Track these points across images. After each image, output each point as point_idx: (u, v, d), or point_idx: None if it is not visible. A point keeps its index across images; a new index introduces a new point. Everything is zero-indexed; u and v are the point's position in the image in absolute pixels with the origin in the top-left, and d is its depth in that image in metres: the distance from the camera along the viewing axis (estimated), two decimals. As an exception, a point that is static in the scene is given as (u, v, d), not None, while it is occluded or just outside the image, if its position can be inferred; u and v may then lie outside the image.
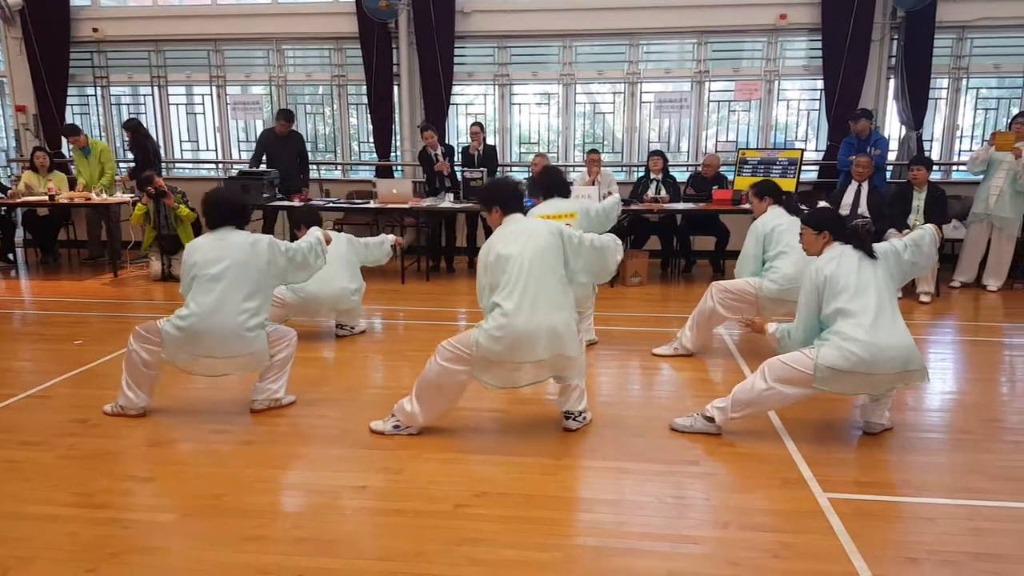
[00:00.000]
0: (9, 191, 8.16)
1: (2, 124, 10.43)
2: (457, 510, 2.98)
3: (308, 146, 8.88)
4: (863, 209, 6.71)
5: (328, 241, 4.31)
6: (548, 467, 3.38)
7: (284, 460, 3.47)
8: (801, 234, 3.81)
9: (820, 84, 8.35)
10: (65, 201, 7.86)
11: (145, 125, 8.80)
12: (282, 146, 8.20)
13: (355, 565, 2.61)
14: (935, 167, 7.67)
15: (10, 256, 8.56)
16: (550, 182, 5.00)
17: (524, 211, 3.76)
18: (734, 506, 3.01)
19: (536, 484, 3.23)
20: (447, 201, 7.64)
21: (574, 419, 3.73)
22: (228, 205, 3.94)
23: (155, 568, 2.60)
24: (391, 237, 5.80)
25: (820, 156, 8.49)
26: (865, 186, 6.78)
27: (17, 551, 2.69)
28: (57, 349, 5.21)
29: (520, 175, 8.83)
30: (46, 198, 7.80)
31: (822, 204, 5.89)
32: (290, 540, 2.78)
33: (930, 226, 3.91)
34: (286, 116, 8.16)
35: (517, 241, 3.50)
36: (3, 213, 8.40)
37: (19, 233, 8.80)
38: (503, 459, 3.44)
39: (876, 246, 3.65)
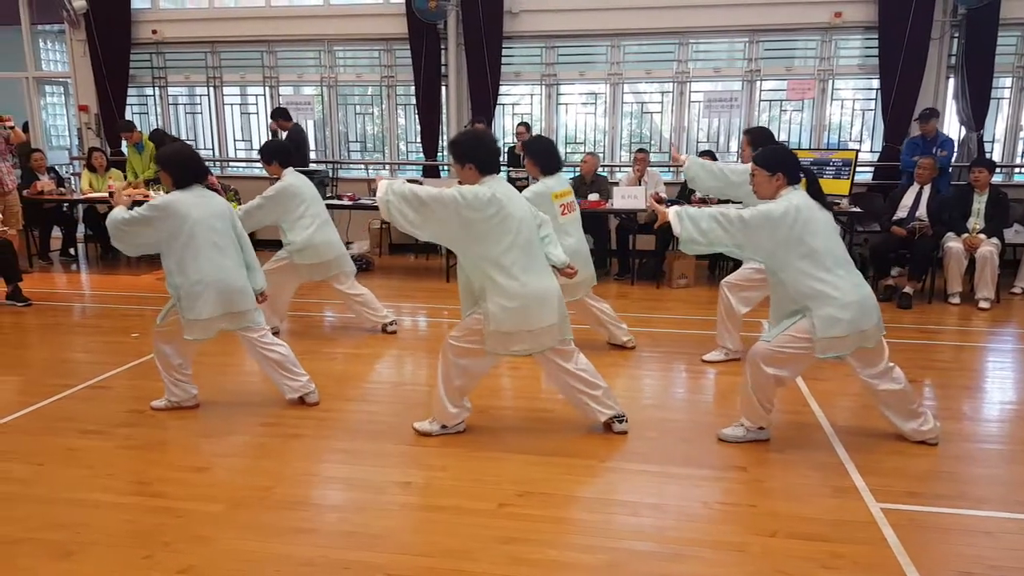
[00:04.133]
0: (65, 184, 8.49)
1: (66, 123, 10.82)
2: (500, 509, 2.99)
3: (357, 146, 9.02)
4: (922, 212, 6.52)
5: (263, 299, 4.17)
6: (592, 469, 3.37)
7: (330, 454, 3.52)
8: (752, 175, 3.45)
9: (876, 83, 8.15)
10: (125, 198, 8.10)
11: (200, 125, 9.02)
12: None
13: (399, 560, 2.64)
14: (997, 169, 7.41)
15: (71, 251, 8.87)
16: (554, 150, 4.89)
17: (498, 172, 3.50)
18: (782, 514, 2.95)
19: (580, 486, 3.22)
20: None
21: (618, 421, 3.69)
22: (199, 162, 3.94)
23: (206, 557, 2.66)
24: None
25: (875, 157, 8.29)
26: (927, 189, 6.58)
27: (78, 536, 2.79)
28: (115, 341, 5.38)
29: (568, 175, 8.80)
30: (107, 195, 8.05)
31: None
32: (336, 533, 2.82)
33: None
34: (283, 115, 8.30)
35: (515, 203, 3.40)
36: (65, 210, 8.71)
37: (80, 229, 9.11)
38: (547, 459, 3.43)
39: None
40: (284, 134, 8.12)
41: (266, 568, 2.59)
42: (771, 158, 3.41)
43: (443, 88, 8.84)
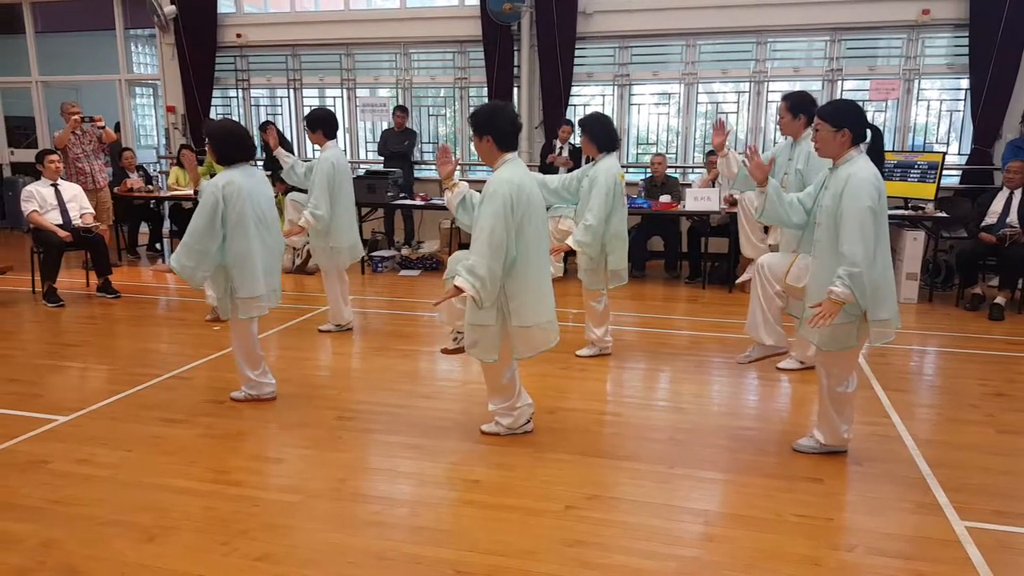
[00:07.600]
0: (153, 182, 8.95)
1: (154, 123, 11.33)
2: (568, 511, 2.98)
3: (429, 147, 9.17)
4: (1012, 218, 6.20)
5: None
6: (661, 475, 3.33)
7: (403, 449, 3.58)
8: (816, 130, 3.18)
9: (965, 83, 7.79)
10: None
11: (280, 126, 9.33)
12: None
13: (468, 557, 2.66)
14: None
15: (158, 246, 9.28)
16: (613, 126, 4.68)
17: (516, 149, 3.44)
18: (861, 528, 2.86)
19: (648, 491, 3.18)
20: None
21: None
22: (249, 139, 3.93)
23: (283, 546, 2.74)
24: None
25: (963, 160, 7.92)
26: (1018, 194, 6.26)
27: (160, 520, 2.91)
28: (198, 334, 5.60)
29: (636, 176, 8.73)
30: (191, 192, 8.39)
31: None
32: (407, 528, 2.86)
33: None
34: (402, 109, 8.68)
35: (535, 192, 3.37)
36: (152, 207, 9.12)
37: (166, 225, 9.52)
38: (615, 463, 3.41)
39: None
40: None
41: (340, 559, 2.65)
42: (837, 112, 3.14)
43: (515, 89, 8.88)
